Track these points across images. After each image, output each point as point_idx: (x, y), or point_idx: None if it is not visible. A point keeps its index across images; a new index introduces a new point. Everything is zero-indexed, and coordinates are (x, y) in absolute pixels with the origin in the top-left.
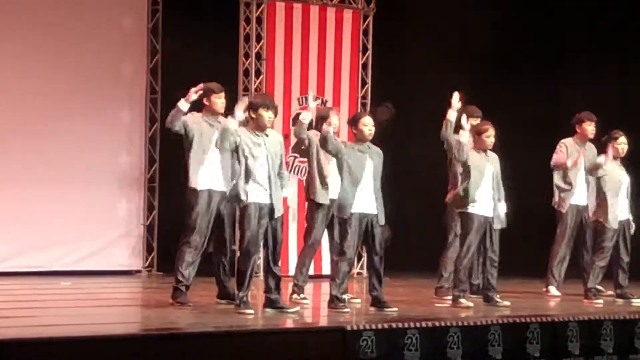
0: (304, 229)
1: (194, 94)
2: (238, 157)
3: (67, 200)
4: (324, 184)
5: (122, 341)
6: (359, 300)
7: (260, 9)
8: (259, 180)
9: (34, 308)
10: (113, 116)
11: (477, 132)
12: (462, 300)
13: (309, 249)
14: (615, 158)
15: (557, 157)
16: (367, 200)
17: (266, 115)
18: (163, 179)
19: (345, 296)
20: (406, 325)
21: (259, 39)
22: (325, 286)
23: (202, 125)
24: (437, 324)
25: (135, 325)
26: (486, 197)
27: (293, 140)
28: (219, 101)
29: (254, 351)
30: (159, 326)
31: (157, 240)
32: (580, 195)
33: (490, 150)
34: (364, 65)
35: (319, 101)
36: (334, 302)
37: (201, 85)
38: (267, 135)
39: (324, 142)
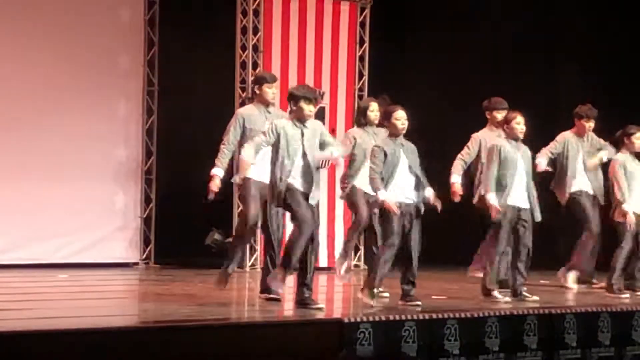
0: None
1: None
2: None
3: (64, 193)
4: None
5: (120, 333)
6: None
7: (257, 1)
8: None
9: (31, 301)
10: (110, 108)
11: (506, 121)
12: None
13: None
14: (630, 153)
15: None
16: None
17: (307, 108)
18: (160, 171)
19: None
20: (403, 317)
21: (256, 31)
22: (323, 278)
23: (254, 117)
24: (434, 316)
25: (133, 317)
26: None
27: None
28: (270, 91)
29: (251, 343)
30: (157, 318)
31: (154, 233)
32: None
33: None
34: (361, 58)
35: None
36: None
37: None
38: (306, 127)
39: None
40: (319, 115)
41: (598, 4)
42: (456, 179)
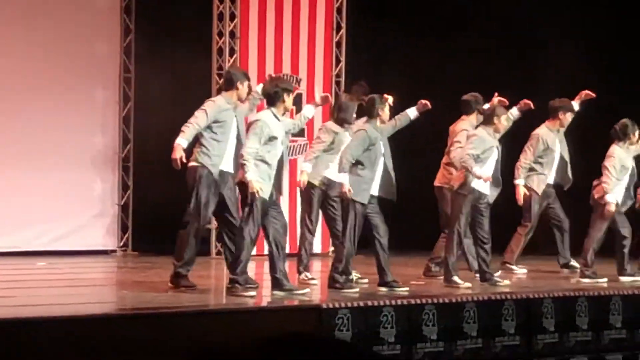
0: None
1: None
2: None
3: (41, 181)
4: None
5: (97, 321)
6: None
7: None
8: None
9: (9, 288)
10: (87, 96)
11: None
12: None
13: None
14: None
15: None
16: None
17: (289, 100)
18: (137, 158)
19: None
20: (382, 303)
21: (232, 17)
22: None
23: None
24: (412, 301)
25: (111, 305)
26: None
27: None
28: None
29: (229, 330)
30: (135, 306)
31: (132, 220)
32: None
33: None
34: (338, 44)
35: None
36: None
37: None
38: (280, 120)
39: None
40: (297, 102)
41: None
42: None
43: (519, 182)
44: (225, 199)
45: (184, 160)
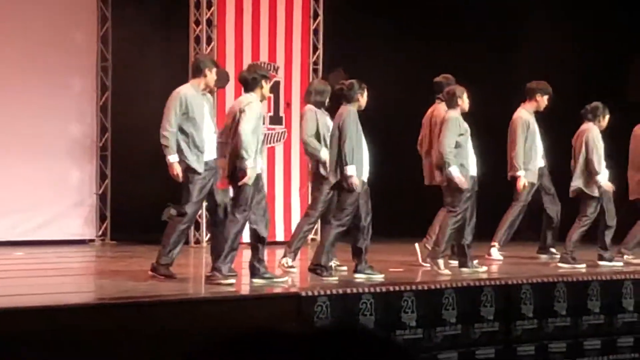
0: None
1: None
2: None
3: (18, 170)
4: None
5: (76, 310)
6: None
7: None
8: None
9: None
10: (64, 84)
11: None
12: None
13: None
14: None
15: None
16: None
17: (266, 88)
18: (115, 147)
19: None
20: (360, 290)
21: (209, 5)
22: (280, 252)
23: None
24: (390, 288)
25: (89, 294)
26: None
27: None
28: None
29: (209, 319)
30: (114, 295)
31: (110, 209)
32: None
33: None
34: (315, 31)
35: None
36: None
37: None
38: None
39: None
40: (274, 90)
41: None
42: None
43: (521, 173)
44: (214, 189)
45: (180, 174)
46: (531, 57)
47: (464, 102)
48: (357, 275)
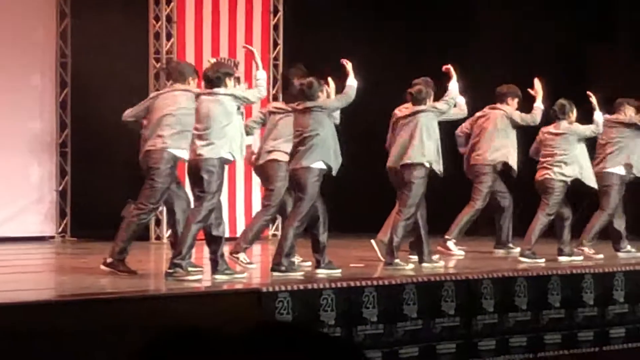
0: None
1: None
2: None
3: None
4: None
5: (36, 307)
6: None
7: None
8: None
9: None
10: (23, 82)
11: None
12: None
13: None
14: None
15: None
16: None
17: (230, 85)
18: (75, 143)
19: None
20: (322, 286)
21: (168, 1)
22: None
23: None
24: (352, 284)
25: (49, 291)
26: None
27: None
28: None
29: (169, 315)
30: (74, 291)
31: (70, 206)
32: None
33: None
34: (275, 27)
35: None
36: None
37: None
38: None
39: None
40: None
41: None
42: None
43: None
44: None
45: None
46: (485, 48)
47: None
48: (319, 271)
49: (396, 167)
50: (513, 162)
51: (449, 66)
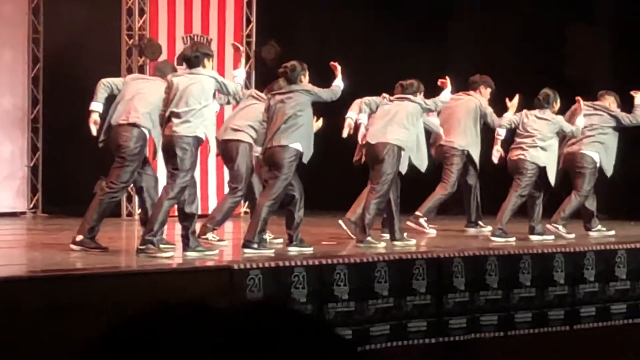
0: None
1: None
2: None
3: None
4: None
5: (6, 283)
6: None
7: None
8: None
9: None
10: None
11: None
12: None
13: None
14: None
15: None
16: None
17: (209, 66)
18: (47, 119)
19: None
20: (293, 263)
21: None
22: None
23: None
24: (323, 261)
25: (20, 267)
26: None
27: None
28: None
29: (141, 291)
30: (45, 267)
31: (41, 182)
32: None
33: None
34: (249, 4)
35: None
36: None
37: None
38: None
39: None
40: None
41: None
42: None
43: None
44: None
45: None
46: (464, 32)
47: None
48: (290, 249)
49: (372, 144)
50: (476, 157)
51: (446, 79)
